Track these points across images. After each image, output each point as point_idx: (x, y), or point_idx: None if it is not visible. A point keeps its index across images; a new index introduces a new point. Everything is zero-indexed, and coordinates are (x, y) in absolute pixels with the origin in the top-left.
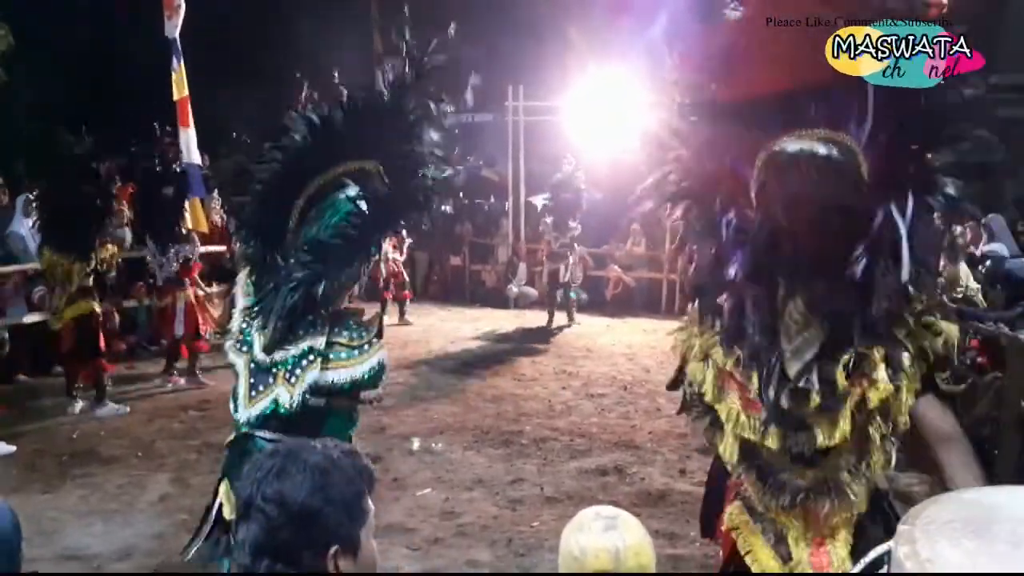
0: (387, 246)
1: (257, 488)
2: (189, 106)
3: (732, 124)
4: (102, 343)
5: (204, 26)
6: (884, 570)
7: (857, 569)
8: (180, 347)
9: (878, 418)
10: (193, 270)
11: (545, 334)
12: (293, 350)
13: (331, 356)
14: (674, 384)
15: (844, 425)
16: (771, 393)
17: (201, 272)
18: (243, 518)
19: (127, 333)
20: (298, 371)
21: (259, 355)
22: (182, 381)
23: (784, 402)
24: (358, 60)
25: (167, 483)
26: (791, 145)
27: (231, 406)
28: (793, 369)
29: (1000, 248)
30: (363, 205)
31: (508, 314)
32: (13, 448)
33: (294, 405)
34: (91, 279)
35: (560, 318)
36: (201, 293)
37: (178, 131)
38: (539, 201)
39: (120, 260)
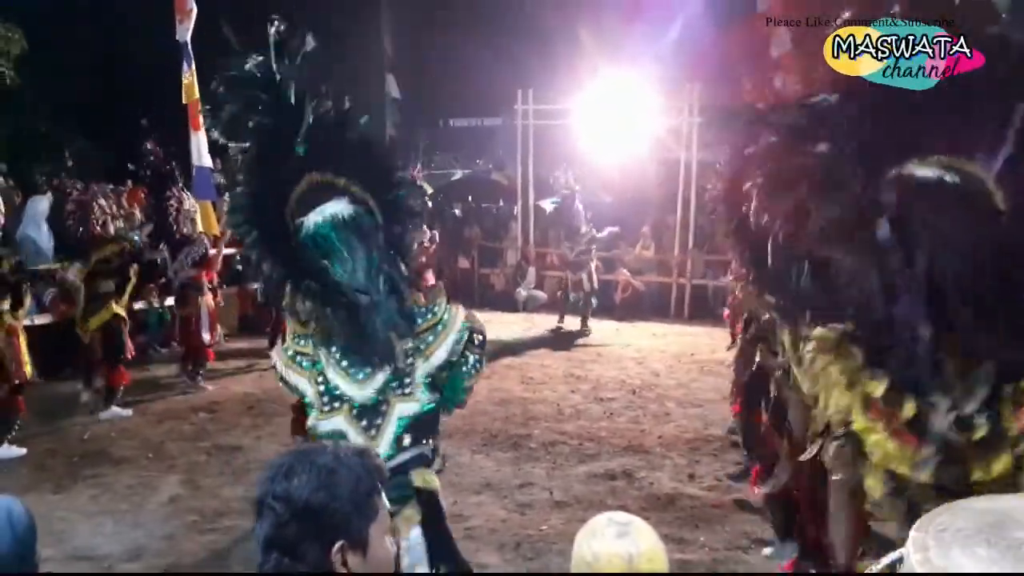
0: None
1: (269, 488)
2: (200, 109)
3: (845, 143)
4: (129, 348)
5: (216, 30)
6: None
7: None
8: (207, 351)
9: None
10: (211, 267)
11: (554, 338)
12: (384, 369)
13: (422, 347)
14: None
15: (1005, 459)
16: (939, 424)
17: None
18: (257, 516)
19: (140, 337)
20: (407, 380)
21: (358, 396)
22: (210, 388)
23: (948, 438)
24: (369, 64)
25: (177, 484)
26: (921, 171)
27: None
28: (968, 408)
29: None
30: (337, 208)
31: (517, 317)
32: (23, 451)
33: (425, 406)
34: (110, 283)
35: (572, 323)
36: (211, 303)
37: (178, 135)
38: (548, 205)
39: (128, 255)
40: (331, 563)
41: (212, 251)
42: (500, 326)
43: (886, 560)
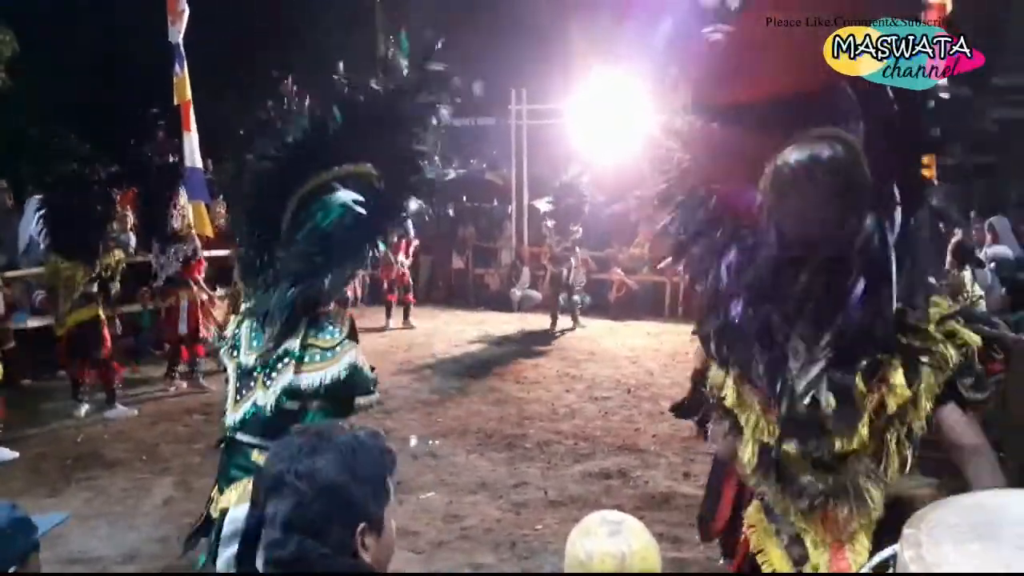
0: (400, 254)
1: (289, 465)
2: (192, 111)
3: (733, 126)
4: (107, 347)
5: (207, 31)
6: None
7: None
8: (182, 349)
9: (896, 423)
10: (195, 269)
11: (548, 337)
12: (272, 353)
13: (305, 358)
14: (683, 408)
15: (862, 430)
16: (784, 407)
17: (205, 276)
18: (272, 494)
19: (129, 336)
20: (274, 374)
21: (243, 359)
22: (184, 385)
23: (800, 411)
24: (363, 63)
25: (171, 487)
26: (794, 155)
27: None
28: (800, 385)
29: (1005, 251)
30: (356, 204)
31: (511, 317)
32: (16, 455)
33: (269, 409)
34: (95, 285)
35: (564, 321)
36: (205, 296)
37: (178, 133)
38: (542, 205)
39: (125, 265)
40: (354, 545)
41: (202, 253)
42: (495, 326)
43: (879, 557)
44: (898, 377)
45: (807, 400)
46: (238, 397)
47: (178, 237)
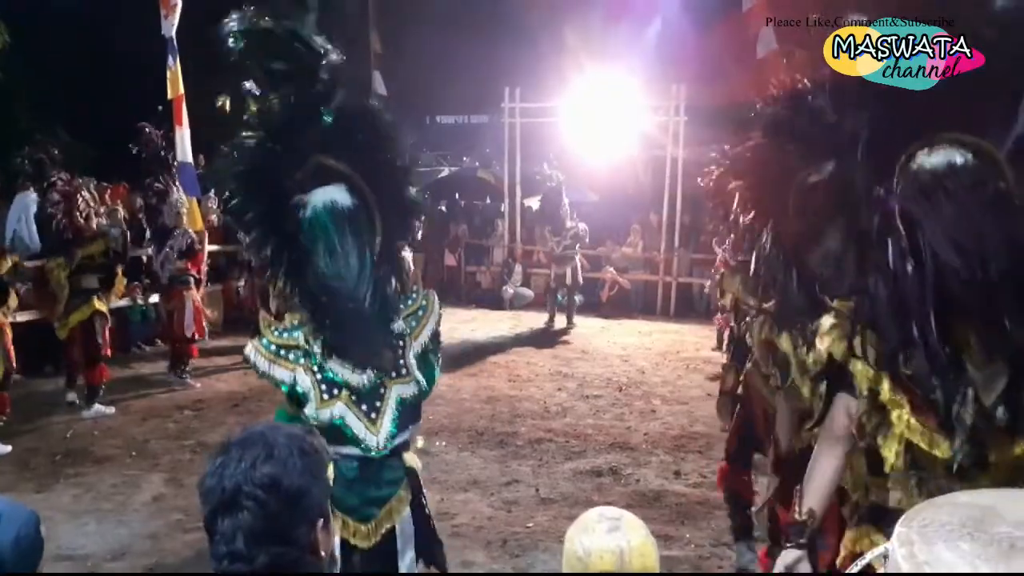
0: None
1: (244, 479)
2: (184, 105)
3: (865, 120)
4: (107, 347)
5: (201, 25)
6: (882, 571)
7: (855, 570)
8: (191, 348)
9: None
10: (199, 259)
11: (541, 335)
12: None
13: (408, 330)
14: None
15: (1020, 443)
16: (966, 416)
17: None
18: (227, 510)
19: (121, 332)
20: (400, 362)
21: (357, 380)
22: (198, 385)
23: (978, 424)
24: (355, 59)
25: (161, 483)
26: (928, 159)
27: (355, 450)
28: (988, 399)
29: None
30: (335, 195)
31: (504, 315)
32: (8, 448)
33: (424, 387)
34: (94, 280)
35: (559, 320)
36: (198, 297)
37: (172, 128)
38: (534, 203)
39: (113, 253)
40: (316, 542)
41: (198, 246)
42: (487, 324)
43: (871, 555)
44: None
45: (1000, 412)
46: (373, 416)
47: (169, 231)
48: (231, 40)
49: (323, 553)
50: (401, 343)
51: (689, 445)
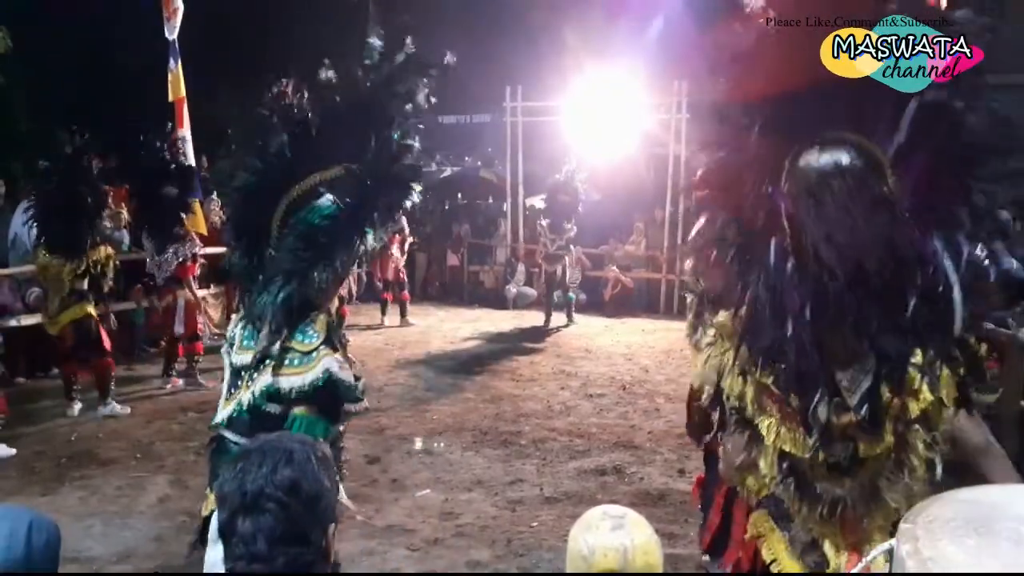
0: (393, 247)
1: (266, 481)
2: (186, 107)
3: (752, 125)
4: (107, 343)
5: (203, 27)
6: (887, 568)
7: (859, 568)
8: (178, 347)
9: (918, 427)
10: (191, 270)
11: (543, 334)
12: (255, 350)
13: (284, 361)
14: (696, 426)
15: (887, 436)
16: (821, 414)
17: (201, 273)
18: (249, 512)
19: (124, 334)
20: (255, 375)
21: (235, 358)
22: (180, 383)
23: (832, 420)
24: (356, 61)
25: (166, 485)
26: (816, 159)
27: None
28: (853, 400)
29: (999, 248)
30: (342, 203)
31: (506, 314)
32: (13, 451)
33: (244, 410)
34: (85, 282)
35: (559, 318)
36: (192, 297)
37: (175, 130)
38: (537, 202)
39: (118, 263)
40: (329, 546)
41: (199, 249)
42: (490, 323)
43: (875, 552)
44: (920, 382)
45: (862, 412)
46: (228, 395)
47: (179, 237)
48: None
49: (331, 558)
50: (266, 361)
51: (693, 443)
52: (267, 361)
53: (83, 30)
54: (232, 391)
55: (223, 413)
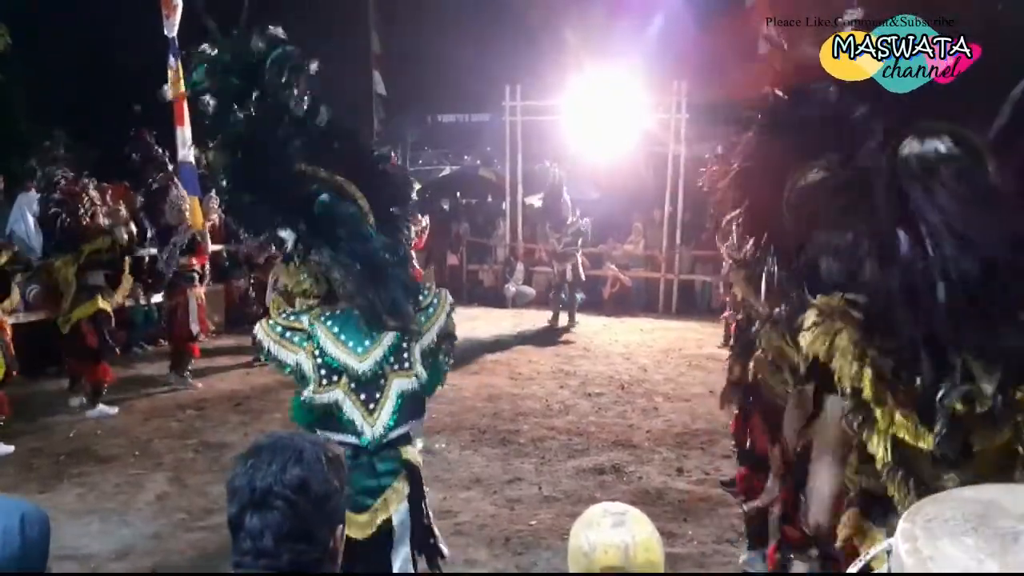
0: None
1: (276, 479)
2: (185, 105)
3: (852, 108)
4: (113, 341)
5: (201, 26)
6: (886, 568)
7: (856, 568)
8: (193, 347)
9: None
10: (202, 255)
11: (542, 333)
12: (383, 344)
13: (419, 324)
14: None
15: (1005, 432)
16: (950, 403)
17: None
18: (258, 508)
19: (124, 331)
20: (404, 355)
21: (358, 367)
22: (200, 385)
23: (957, 408)
24: (356, 60)
25: (164, 482)
26: (918, 147)
27: (351, 438)
28: (988, 390)
29: None
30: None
31: (505, 313)
32: (11, 449)
33: (424, 382)
34: (99, 276)
35: (562, 318)
36: (201, 295)
37: (173, 127)
38: (535, 201)
39: (120, 248)
40: (335, 546)
41: (199, 239)
42: (489, 322)
43: (874, 551)
44: None
45: (996, 402)
46: (371, 406)
47: (172, 229)
48: (198, 72)
49: (339, 559)
50: (404, 336)
51: (691, 442)
52: (406, 336)
53: (83, 29)
54: (375, 399)
55: (378, 425)
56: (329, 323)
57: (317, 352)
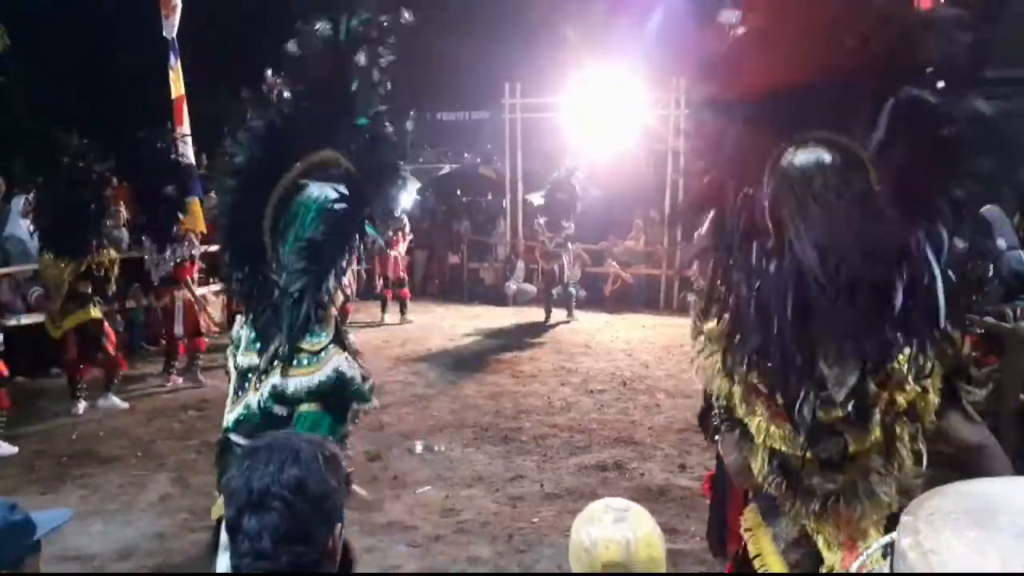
0: (399, 245)
1: (272, 480)
2: (185, 105)
3: (735, 123)
4: (112, 342)
5: (202, 25)
6: (882, 565)
7: (855, 565)
8: (179, 345)
9: (905, 419)
10: (188, 271)
11: (543, 331)
12: (266, 355)
13: (294, 362)
14: (704, 417)
15: (875, 431)
16: (807, 412)
17: (200, 271)
18: (255, 510)
19: (125, 332)
20: (264, 377)
21: (240, 360)
22: (180, 380)
23: (818, 415)
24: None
25: (167, 483)
26: (797, 159)
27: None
28: (840, 395)
29: (1000, 242)
30: (331, 200)
31: (506, 311)
32: (15, 449)
33: (253, 413)
34: (88, 285)
35: (558, 314)
36: (190, 296)
37: (174, 128)
38: (536, 198)
39: (119, 262)
40: (333, 546)
41: (196, 251)
42: (490, 320)
43: (876, 545)
44: (907, 374)
45: (849, 408)
46: (235, 398)
47: (177, 238)
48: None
49: (337, 558)
50: (275, 363)
51: (694, 439)
52: (275, 363)
53: (83, 29)
54: (239, 393)
55: (231, 416)
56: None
57: (239, 326)
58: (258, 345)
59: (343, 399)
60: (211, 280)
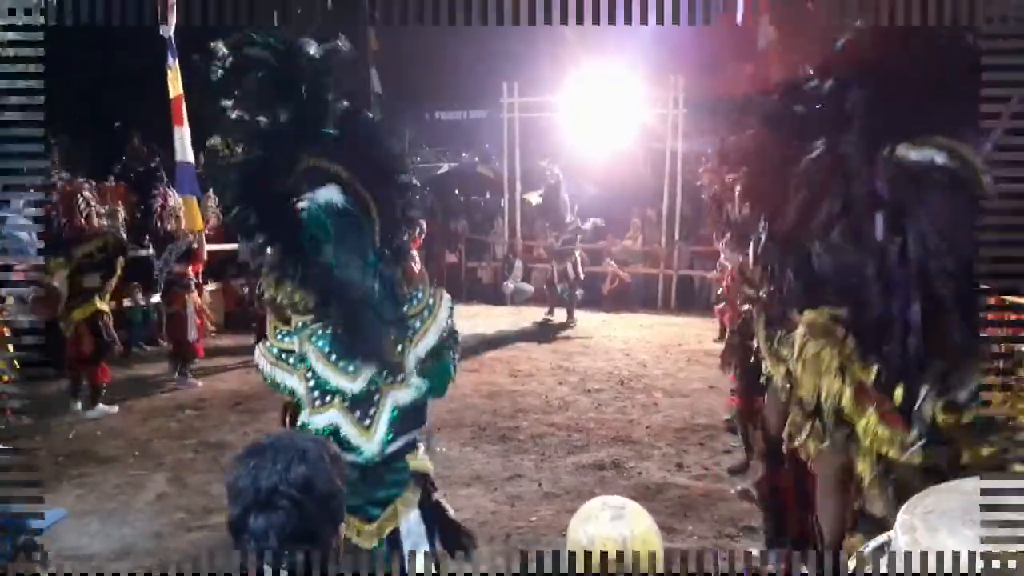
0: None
1: (280, 479)
2: (183, 105)
3: (848, 122)
4: (116, 342)
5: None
6: (885, 559)
7: (854, 563)
8: (195, 348)
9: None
10: (197, 261)
11: (541, 330)
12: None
13: (411, 333)
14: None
15: (993, 445)
16: (927, 411)
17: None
18: (263, 509)
19: (122, 332)
20: (396, 367)
21: (347, 387)
22: (200, 384)
23: (938, 418)
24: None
25: (164, 482)
26: (915, 153)
27: (350, 456)
28: (962, 396)
29: None
30: (332, 195)
31: (504, 310)
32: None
33: (418, 392)
34: (94, 278)
35: (559, 314)
36: (198, 299)
37: (171, 129)
38: (534, 198)
39: (113, 249)
40: (338, 544)
41: (195, 246)
42: (488, 319)
43: (874, 543)
44: None
45: (971, 408)
46: (367, 423)
47: (171, 236)
48: (218, 66)
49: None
50: (400, 347)
51: (691, 438)
52: (399, 346)
53: (83, 29)
54: (368, 415)
55: (375, 439)
56: (320, 343)
57: (309, 375)
58: (352, 365)
59: (453, 337)
60: (207, 281)
